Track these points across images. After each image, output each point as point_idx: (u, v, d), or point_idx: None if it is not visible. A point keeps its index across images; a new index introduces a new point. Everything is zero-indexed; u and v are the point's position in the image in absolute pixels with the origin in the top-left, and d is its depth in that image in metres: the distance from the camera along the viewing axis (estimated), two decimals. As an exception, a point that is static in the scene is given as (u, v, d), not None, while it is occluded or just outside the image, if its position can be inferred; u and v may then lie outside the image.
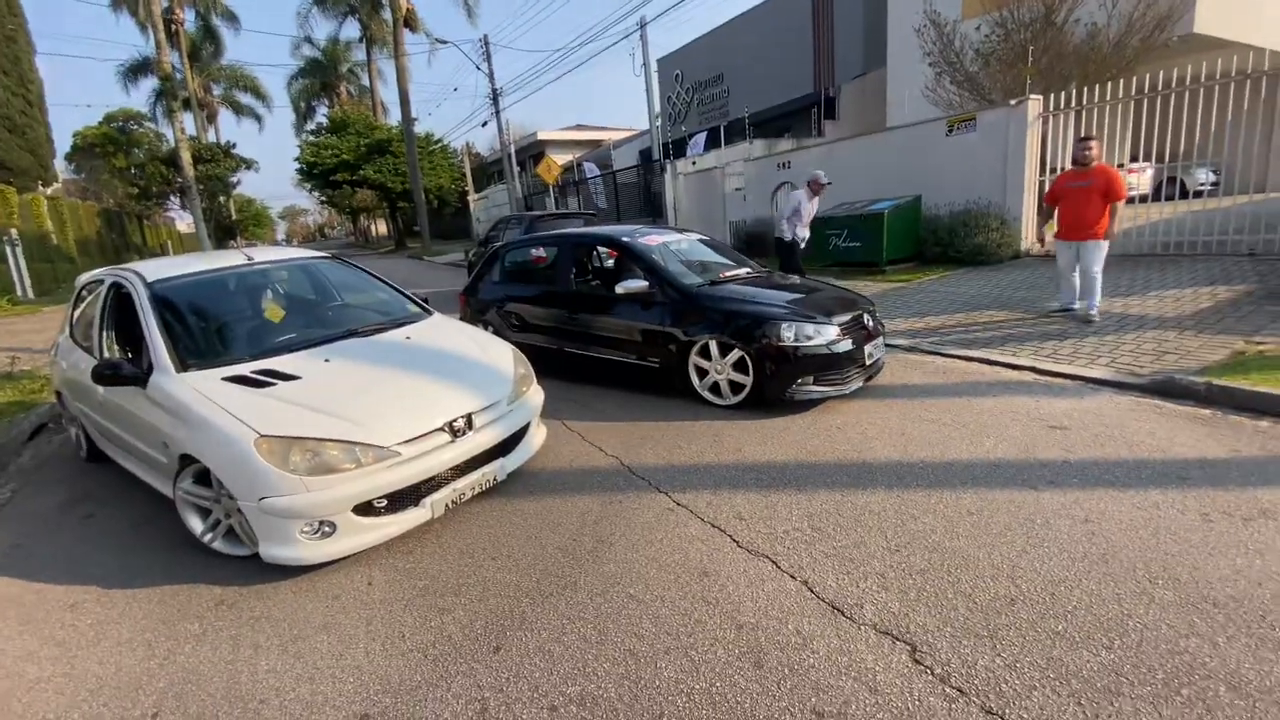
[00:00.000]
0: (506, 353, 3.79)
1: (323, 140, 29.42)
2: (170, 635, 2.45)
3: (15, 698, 2.16)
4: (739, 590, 2.43)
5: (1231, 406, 3.92)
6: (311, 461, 2.68)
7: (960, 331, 6.26)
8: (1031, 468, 3.29)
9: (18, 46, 18.04)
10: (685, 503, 3.19)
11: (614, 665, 2.10)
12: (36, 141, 18.42)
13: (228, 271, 3.92)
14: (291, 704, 2.05)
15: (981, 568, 2.46)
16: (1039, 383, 4.71)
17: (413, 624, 2.41)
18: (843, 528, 2.83)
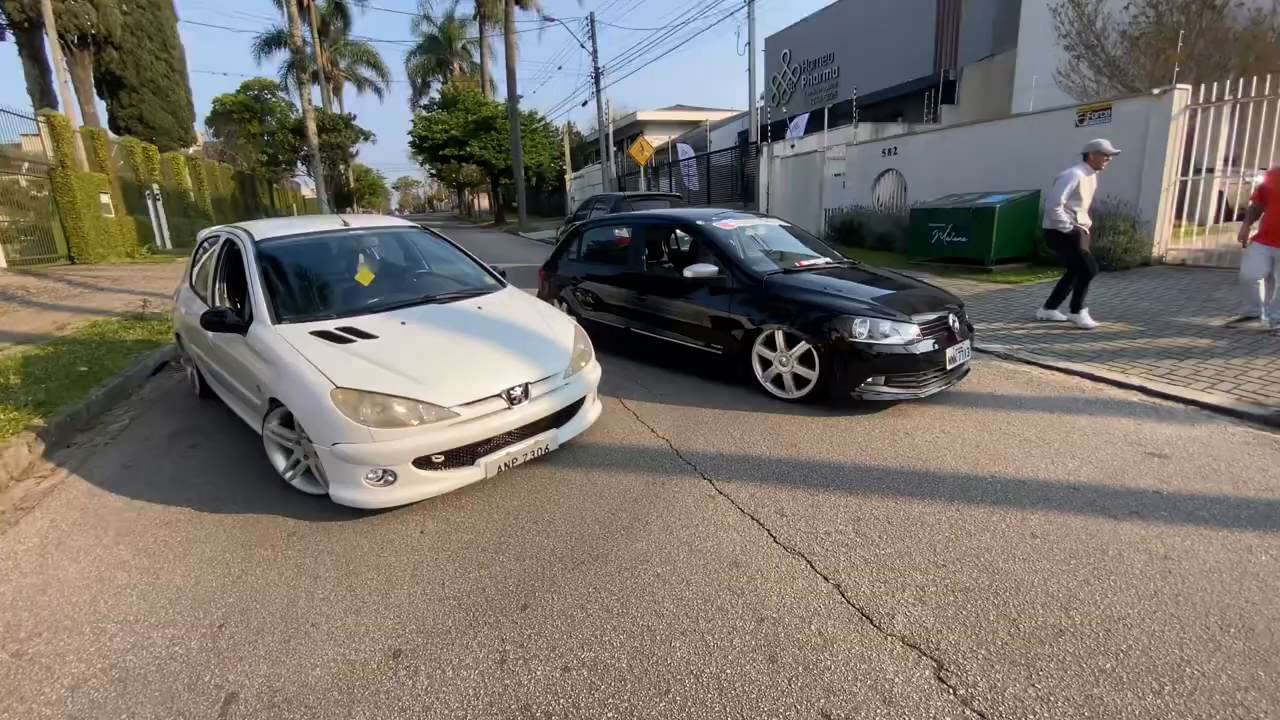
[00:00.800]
0: (569, 328, 3.88)
1: (434, 115, 30.92)
2: (245, 558, 2.75)
3: (102, 600, 2.50)
4: (767, 584, 2.40)
5: (1380, 452, 3.38)
6: (380, 415, 2.89)
7: (1065, 341, 5.75)
8: (1116, 495, 3.00)
9: (162, 14, 20.16)
10: (728, 492, 3.17)
11: (630, 638, 2.14)
12: (178, 104, 20.63)
13: (325, 235, 4.25)
14: (337, 630, 2.25)
15: (1033, 594, 2.29)
16: (1146, 404, 4.26)
17: (453, 574, 2.57)
18: (889, 536, 2.71)
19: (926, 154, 12.63)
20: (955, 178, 11.39)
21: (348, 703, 1.92)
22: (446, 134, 29.97)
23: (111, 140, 17.12)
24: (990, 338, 6.03)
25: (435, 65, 45.00)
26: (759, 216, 5.84)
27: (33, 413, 4.36)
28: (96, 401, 4.87)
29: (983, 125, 11.60)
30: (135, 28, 19.05)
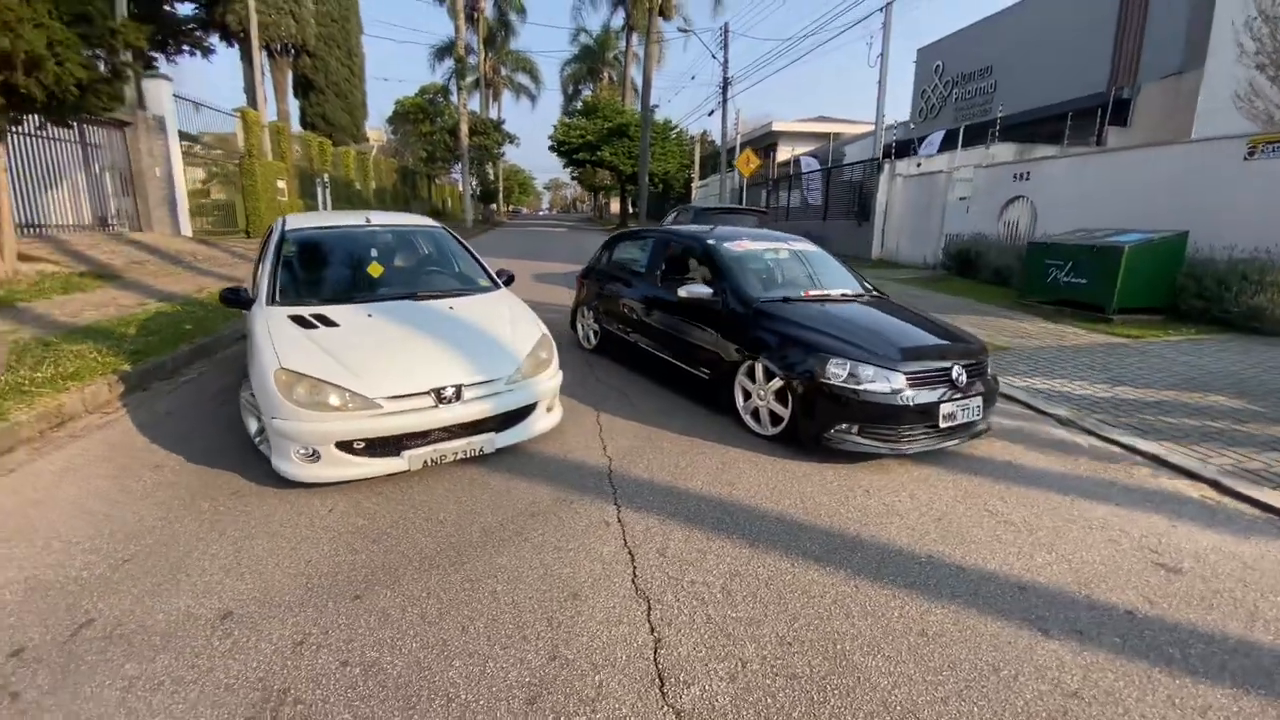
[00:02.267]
0: (532, 336, 3.96)
1: (573, 121, 32.58)
2: (187, 506, 3.13)
3: (66, 521, 2.96)
4: (589, 624, 2.30)
5: None
6: (309, 397, 3.15)
7: (1155, 412, 4.84)
8: (1071, 606, 2.50)
9: (350, 26, 23.12)
10: (626, 522, 3.06)
11: (420, 648, 2.16)
12: (354, 105, 23.58)
13: (346, 229, 4.70)
14: (200, 585, 2.49)
15: (867, 699, 1.98)
16: (1207, 503, 3.49)
17: (325, 553, 2.74)
18: (755, 600, 2.48)
19: (1064, 181, 11.17)
20: (1096, 211, 9.97)
21: (159, 648, 2.14)
22: (582, 139, 31.43)
23: (293, 134, 20.00)
24: (1061, 398, 5.22)
25: (586, 74, 47.34)
26: (786, 239, 5.50)
27: (126, 360, 5.25)
28: (181, 356, 5.75)
29: (1132, 152, 10.03)
30: (327, 38, 22.14)
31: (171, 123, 12.67)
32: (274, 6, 18.56)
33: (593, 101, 34.02)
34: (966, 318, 8.68)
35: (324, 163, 21.10)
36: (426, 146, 30.97)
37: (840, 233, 18.00)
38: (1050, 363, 6.36)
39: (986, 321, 8.46)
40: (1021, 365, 6.30)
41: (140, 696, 1.93)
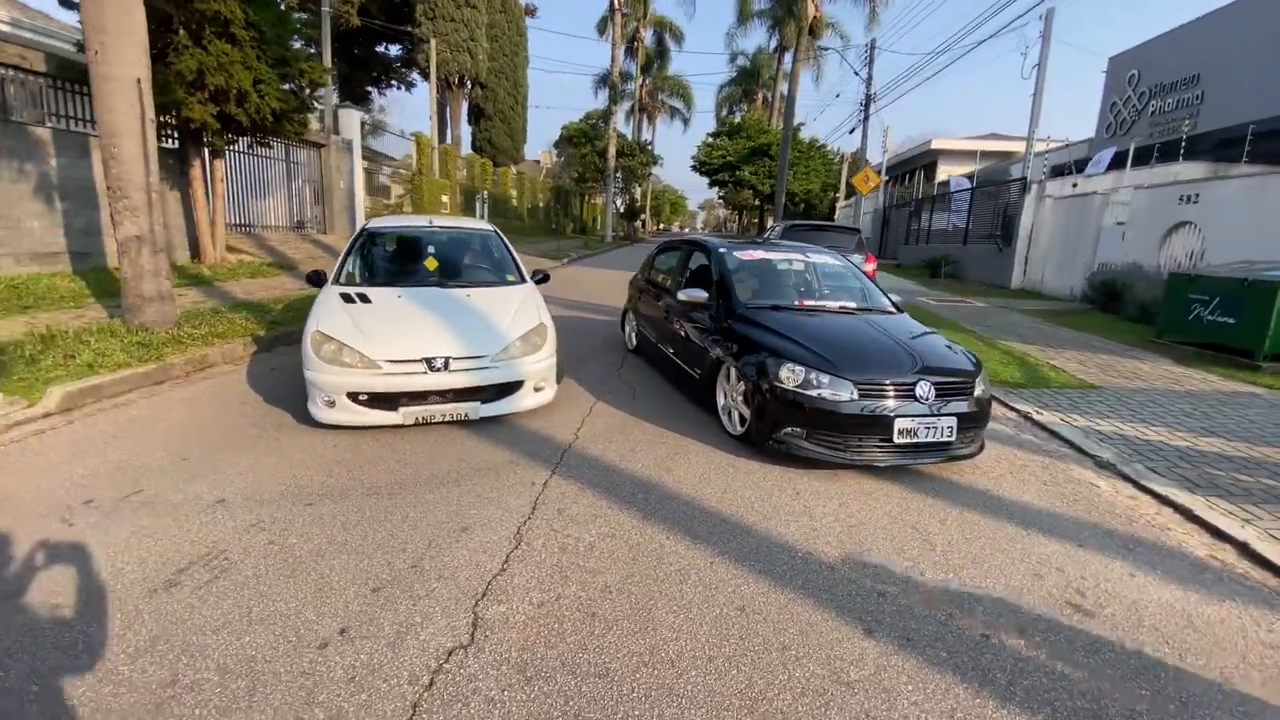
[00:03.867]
0: (528, 324, 4.48)
1: (716, 142, 33.24)
2: (244, 431, 4.07)
3: (161, 430, 4.02)
4: (458, 550, 2.74)
5: None
6: (331, 354, 3.96)
7: (1231, 469, 4.19)
8: (922, 620, 2.46)
9: (518, 59, 25.83)
10: (551, 485, 3.46)
11: (327, 543, 2.75)
12: (515, 130, 26.26)
13: (410, 229, 5.62)
14: (230, 477, 3.33)
15: (640, 643, 2.20)
16: (1211, 563, 3.08)
17: (306, 474, 3.47)
18: (608, 557, 2.76)
19: (1239, 205, 9.50)
20: (1261, 239, 8.38)
21: (165, 514, 2.95)
22: (722, 159, 31.96)
23: (462, 156, 22.86)
24: (1121, 441, 4.66)
25: (741, 95, 47.87)
26: (822, 253, 5.49)
27: (264, 327, 6.67)
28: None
29: (1330, 170, 8.27)
30: (497, 71, 25.06)
31: (356, 145, 15.30)
32: (455, 46, 21.52)
33: (737, 123, 34.45)
34: (1072, 353, 7.77)
35: (484, 181, 23.83)
36: (579, 167, 33.45)
37: (979, 259, 16.56)
38: (1141, 406, 5.59)
39: (1094, 359, 7.51)
40: (1101, 405, 5.62)
41: (138, 539, 2.73)
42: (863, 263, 10.02)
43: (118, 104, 5.21)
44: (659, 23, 37.36)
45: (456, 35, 21.29)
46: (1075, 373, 6.81)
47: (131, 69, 5.23)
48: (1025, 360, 7.30)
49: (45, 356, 4.84)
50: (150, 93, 5.45)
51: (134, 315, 5.64)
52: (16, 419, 4.06)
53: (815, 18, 26.15)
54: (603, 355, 6.65)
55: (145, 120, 5.37)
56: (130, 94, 5.24)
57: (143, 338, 5.43)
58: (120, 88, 5.20)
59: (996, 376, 6.42)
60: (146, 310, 5.65)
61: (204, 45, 8.32)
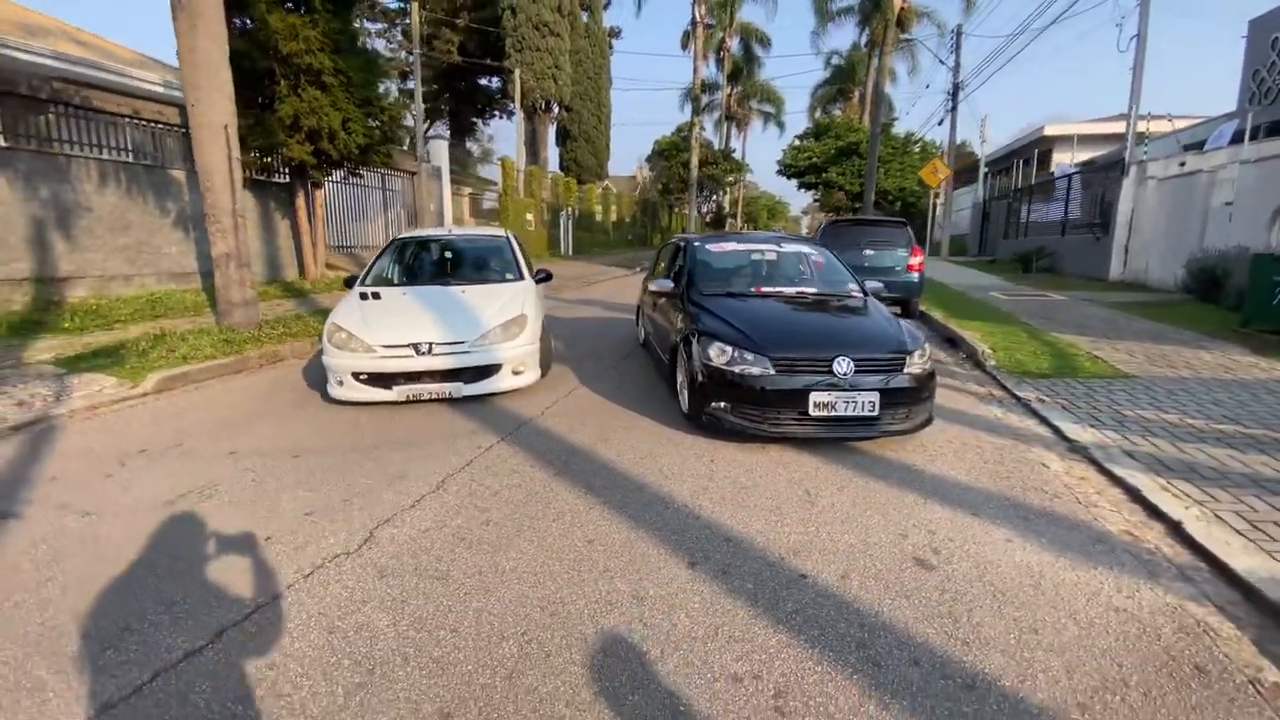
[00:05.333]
0: (510, 314, 5.04)
1: (802, 145, 32.57)
2: (280, 407, 4.96)
3: (220, 406, 5.00)
4: (381, 492, 3.32)
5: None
6: (340, 342, 4.76)
7: (1233, 454, 3.86)
8: (753, 561, 2.69)
9: (601, 81, 27.06)
10: (493, 449, 3.98)
11: (294, 480, 3.43)
12: (599, 149, 27.47)
13: (429, 238, 6.43)
14: (250, 439, 4.15)
15: (478, 559, 2.64)
16: (1123, 538, 3.00)
17: (304, 436, 4.22)
18: (498, 499, 3.22)
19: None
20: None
21: (187, 460, 3.79)
22: (809, 161, 31.29)
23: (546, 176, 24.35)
24: (1121, 429, 4.43)
25: (836, 94, 46.55)
26: (797, 244, 5.60)
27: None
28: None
29: None
30: (581, 94, 26.47)
31: (444, 172, 16.94)
32: (540, 74, 23.14)
33: (825, 123, 33.58)
34: (1131, 345, 7.15)
35: (569, 198, 25.18)
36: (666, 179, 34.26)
37: (1076, 251, 15.17)
38: (1169, 395, 5.16)
39: (1153, 350, 6.88)
40: (1122, 394, 5.24)
41: (163, 475, 3.57)
42: (908, 257, 9.72)
43: (210, 146, 6.47)
44: (745, 30, 37.47)
45: (541, 64, 22.88)
46: (1117, 363, 6.31)
47: (220, 117, 6.48)
48: (1065, 351, 6.84)
49: (153, 351, 6.11)
50: (236, 137, 6.68)
51: (225, 318, 6.90)
52: (121, 396, 5.22)
53: (904, 9, 25.12)
54: (615, 349, 7.11)
55: (231, 159, 6.60)
56: (219, 138, 6.49)
57: (229, 336, 6.64)
58: (211, 134, 6.46)
59: (1020, 367, 6.13)
60: (234, 314, 6.89)
61: (299, 93, 9.83)
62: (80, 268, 8.60)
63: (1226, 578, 2.67)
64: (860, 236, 10.00)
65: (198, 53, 6.33)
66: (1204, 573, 2.70)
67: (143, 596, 2.39)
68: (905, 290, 9.69)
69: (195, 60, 6.34)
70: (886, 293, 9.56)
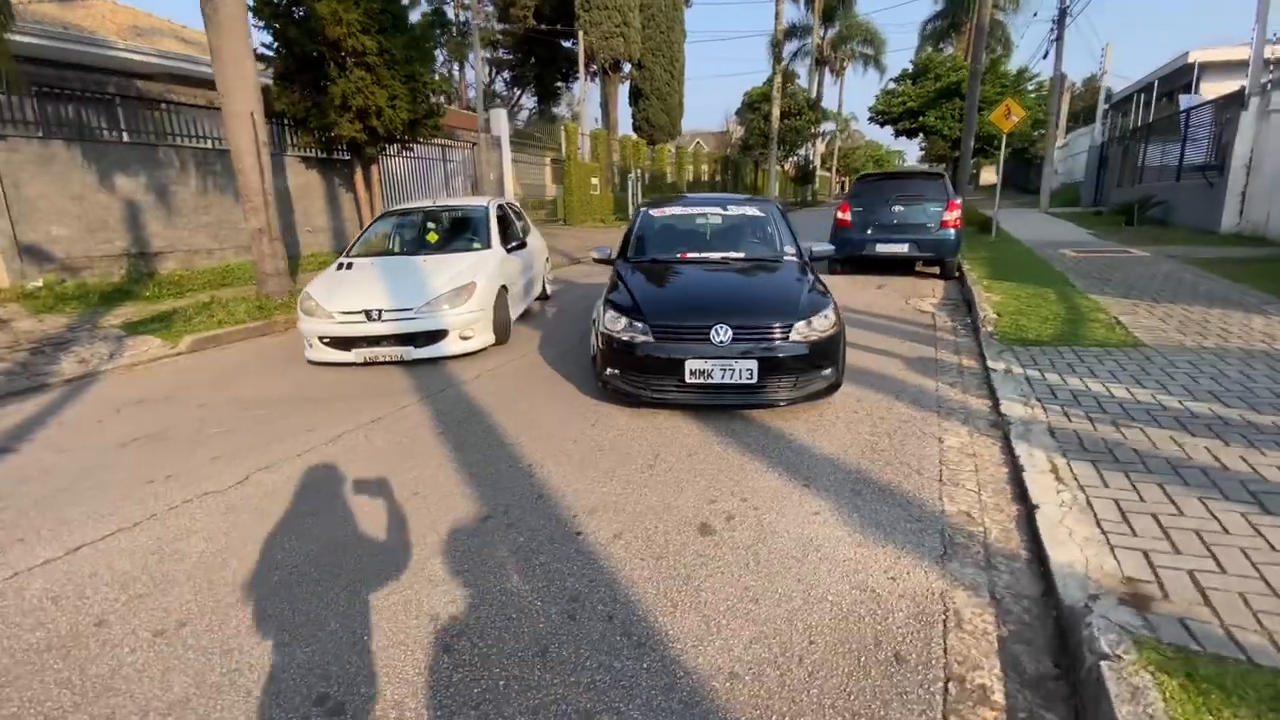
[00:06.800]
0: (458, 283, 5.38)
1: (897, 88, 29.98)
2: (274, 365, 5.67)
3: (236, 355, 5.78)
4: (296, 432, 3.80)
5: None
6: (310, 309, 5.33)
7: (1188, 436, 3.52)
8: (524, 509, 2.88)
9: (674, 35, 26.19)
10: (408, 406, 4.36)
11: (255, 421, 4.01)
12: (671, 107, 26.85)
13: (413, 209, 6.86)
14: (244, 389, 4.84)
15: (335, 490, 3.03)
16: (961, 518, 2.90)
17: (279, 388, 4.84)
18: (391, 441, 3.58)
19: None
20: None
21: (190, 409, 4.51)
22: (903, 106, 28.84)
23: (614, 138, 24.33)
24: (1075, 404, 4.08)
25: (948, 29, 42.09)
26: (745, 205, 5.37)
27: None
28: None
29: None
30: (654, 49, 25.91)
31: (505, 141, 17.51)
32: (608, 33, 22.91)
33: (923, 63, 30.56)
34: (1174, 309, 6.29)
35: (639, 160, 25.07)
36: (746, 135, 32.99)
37: (1190, 198, 13.07)
38: (1170, 369, 4.54)
39: (1194, 314, 6.02)
40: (1112, 365, 4.69)
41: (147, 414, 4.28)
42: (942, 212, 8.95)
43: (239, 132, 7.26)
44: (838, -35, 34.62)
45: (609, 22, 22.63)
46: (1139, 330, 5.59)
47: (245, 105, 7.22)
48: (1086, 316, 6.14)
49: (198, 316, 7.10)
50: (262, 123, 7.43)
51: (261, 287, 7.83)
52: (160, 355, 6.18)
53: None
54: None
55: (259, 143, 7.36)
56: (246, 124, 7.25)
57: (263, 303, 7.55)
58: (240, 121, 7.23)
59: (1019, 334, 5.62)
60: (268, 283, 7.79)
61: (346, 74, 10.59)
62: (170, 243, 10.00)
63: (1039, 570, 2.50)
64: (890, 191, 9.31)
65: (224, 50, 7.06)
66: (1018, 563, 2.53)
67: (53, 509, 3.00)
68: (938, 249, 8.98)
69: (223, 57, 7.08)
70: (917, 252, 9.02)
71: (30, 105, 8.20)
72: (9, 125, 7.93)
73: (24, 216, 8.05)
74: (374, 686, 1.92)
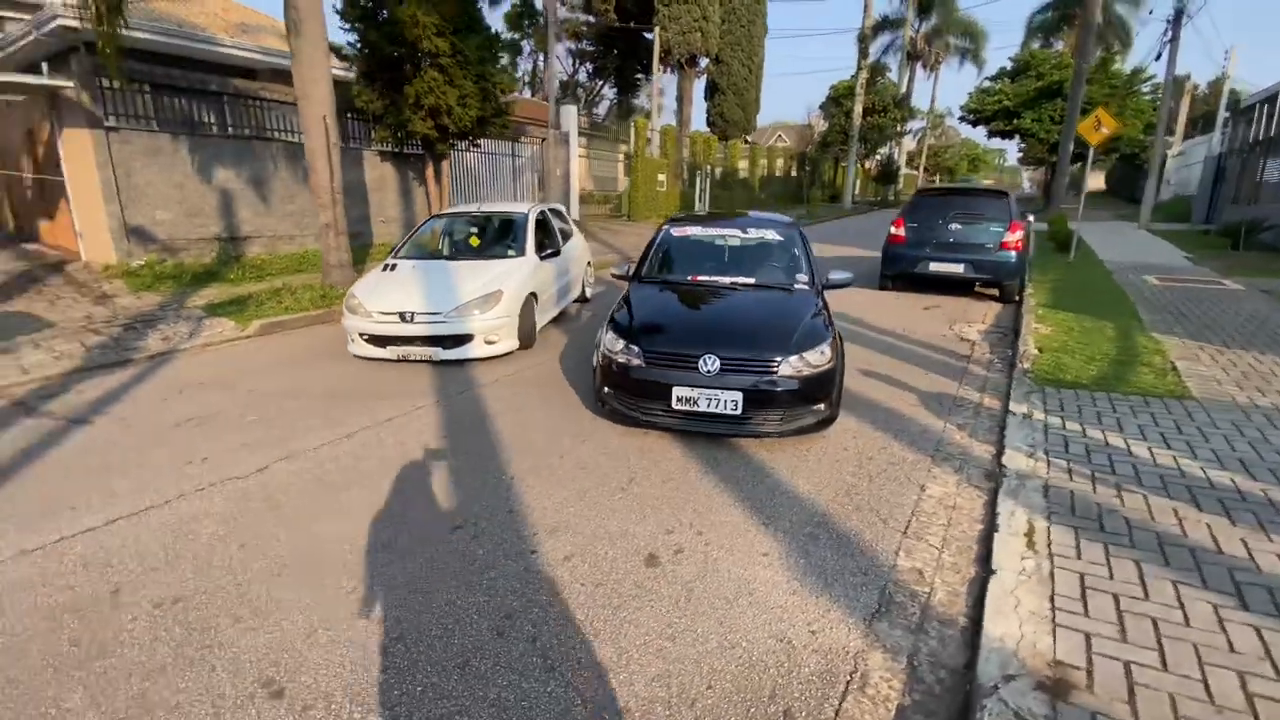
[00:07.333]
0: (487, 290, 5.67)
1: (992, 86, 28.10)
2: (310, 359, 6.19)
3: (278, 346, 6.36)
4: (314, 422, 4.20)
5: None
6: (353, 307, 5.78)
7: (1196, 508, 3.37)
8: (493, 524, 3.09)
9: (754, 29, 25.63)
10: (423, 408, 4.69)
11: (288, 413, 4.48)
12: (747, 103, 26.35)
13: (459, 214, 7.22)
14: (279, 381, 5.37)
15: (315, 496, 3.38)
16: (905, 575, 2.90)
17: (316, 380, 5.31)
18: (361, 458, 3.92)
19: None
20: None
21: (218, 394, 5.05)
22: (997, 105, 27.06)
23: (685, 133, 24.22)
24: (1084, 460, 3.92)
25: (1059, 22, 39.00)
26: (762, 228, 5.31)
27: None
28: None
29: None
30: (732, 44, 25.52)
31: (573, 137, 17.85)
32: (686, 28, 22.77)
33: (1025, 59, 28.49)
34: (1252, 356, 5.75)
35: (709, 157, 24.90)
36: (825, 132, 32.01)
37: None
38: (1209, 427, 4.25)
39: (1267, 365, 5.51)
40: (1146, 419, 4.43)
41: (189, 405, 4.84)
42: (1003, 233, 8.48)
43: (313, 134, 7.88)
44: (937, -45, 32.77)
45: (688, 16, 22.46)
46: (1193, 378, 5.19)
47: (319, 109, 7.83)
48: (1141, 358, 5.73)
49: (268, 302, 7.81)
50: (334, 126, 8.02)
51: (326, 277, 8.49)
52: (232, 337, 6.86)
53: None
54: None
55: (330, 145, 7.96)
56: (320, 127, 7.86)
57: (325, 292, 8.20)
58: (314, 124, 7.85)
59: (1057, 373, 5.35)
60: (333, 274, 8.44)
61: (420, 74, 11.18)
62: (257, 229, 10.97)
63: (970, 640, 2.47)
64: (949, 209, 8.91)
65: (303, 57, 7.68)
66: (951, 630, 2.52)
67: (105, 481, 3.49)
68: (996, 271, 8.54)
69: (301, 62, 7.70)
70: (973, 273, 8.60)
71: (142, 100, 9.20)
72: (123, 119, 8.95)
73: (132, 201, 9.08)
74: (313, 677, 2.19)
